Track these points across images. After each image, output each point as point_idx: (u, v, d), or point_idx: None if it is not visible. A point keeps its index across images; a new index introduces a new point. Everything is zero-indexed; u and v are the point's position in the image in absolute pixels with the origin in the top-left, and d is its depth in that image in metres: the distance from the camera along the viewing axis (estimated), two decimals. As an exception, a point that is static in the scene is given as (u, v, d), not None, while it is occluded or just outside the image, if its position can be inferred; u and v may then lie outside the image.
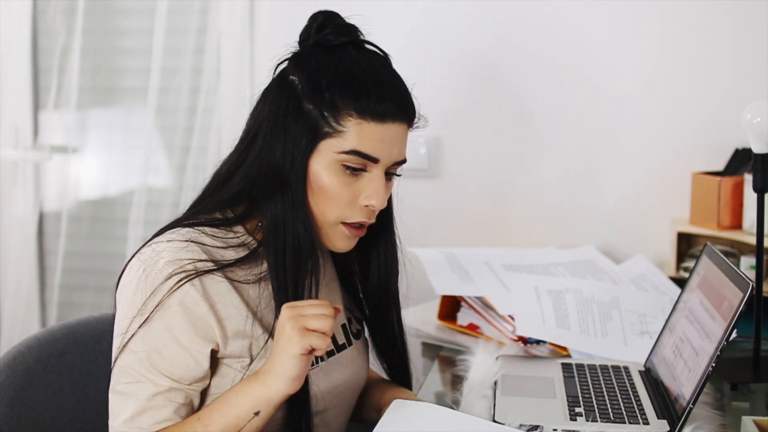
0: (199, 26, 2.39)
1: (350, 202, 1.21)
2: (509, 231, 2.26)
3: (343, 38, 1.22)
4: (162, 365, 1.15)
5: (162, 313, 1.14)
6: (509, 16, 2.21)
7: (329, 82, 1.18)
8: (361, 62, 1.21)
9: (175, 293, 1.14)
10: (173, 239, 1.18)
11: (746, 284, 1.23)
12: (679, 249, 2.03)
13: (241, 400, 1.14)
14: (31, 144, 2.57)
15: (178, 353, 1.15)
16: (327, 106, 1.18)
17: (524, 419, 1.27)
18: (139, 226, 2.43)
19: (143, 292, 1.15)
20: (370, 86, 1.18)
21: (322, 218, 1.22)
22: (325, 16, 1.24)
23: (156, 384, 1.15)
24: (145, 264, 1.16)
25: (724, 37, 2.10)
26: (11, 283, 2.56)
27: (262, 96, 1.25)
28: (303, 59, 1.22)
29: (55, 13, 2.47)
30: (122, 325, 1.17)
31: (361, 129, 1.18)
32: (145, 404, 1.15)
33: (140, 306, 1.15)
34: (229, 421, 1.13)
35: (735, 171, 2.01)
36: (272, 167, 1.20)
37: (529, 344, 1.65)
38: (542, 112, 2.22)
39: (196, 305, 1.15)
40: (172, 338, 1.15)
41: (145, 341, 1.15)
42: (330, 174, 1.19)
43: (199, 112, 2.38)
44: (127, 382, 1.16)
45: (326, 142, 1.19)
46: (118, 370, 1.17)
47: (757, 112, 1.49)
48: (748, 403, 1.45)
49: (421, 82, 1.28)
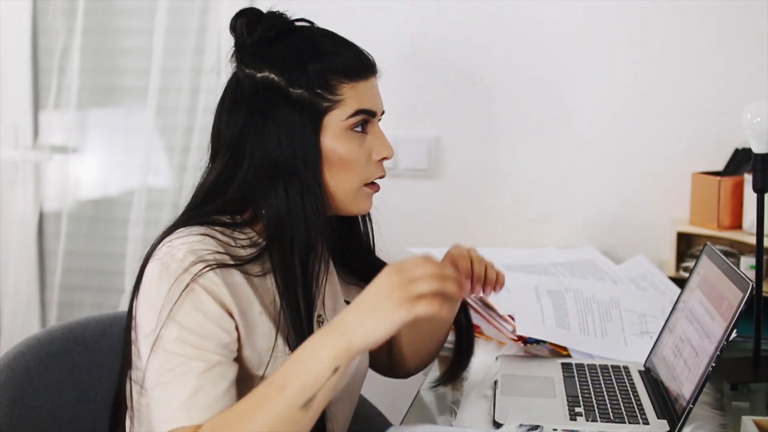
0: (199, 26, 2.39)
1: (366, 162, 1.24)
2: (509, 231, 2.26)
3: (279, 26, 1.24)
4: (203, 343, 1.12)
5: (189, 297, 1.13)
6: (509, 16, 2.20)
7: (308, 60, 1.21)
8: (316, 35, 1.25)
9: (199, 279, 1.13)
10: (189, 234, 1.18)
11: (746, 284, 1.23)
12: (679, 249, 2.03)
13: (320, 356, 1.07)
14: (31, 144, 2.57)
15: (212, 330, 1.13)
16: (317, 83, 1.20)
17: (524, 419, 1.27)
18: (139, 226, 2.43)
19: (167, 282, 1.13)
20: (342, 50, 1.23)
21: (345, 190, 1.24)
22: (246, 16, 1.24)
23: (205, 360, 1.12)
24: (163, 259, 1.15)
25: (724, 37, 2.10)
26: (11, 283, 2.56)
27: (229, 107, 1.24)
28: (262, 56, 1.22)
29: (55, 13, 2.47)
30: (149, 322, 1.14)
31: (356, 90, 1.22)
32: (199, 381, 1.11)
33: (165, 296, 1.13)
34: (307, 380, 1.07)
35: (735, 171, 2.01)
36: (271, 164, 1.20)
37: (529, 344, 1.65)
38: (542, 112, 2.22)
39: (220, 290, 1.14)
40: (204, 317, 1.13)
41: (180, 327, 1.12)
42: (345, 142, 1.22)
43: (199, 112, 2.38)
44: (172, 368, 1.11)
45: (330, 116, 1.21)
46: (157, 364, 1.12)
47: (757, 112, 1.49)
48: (748, 403, 1.45)
49: (421, 82, 1.28)
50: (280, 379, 1.09)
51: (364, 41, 1.29)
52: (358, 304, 1.08)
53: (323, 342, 1.08)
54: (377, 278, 1.09)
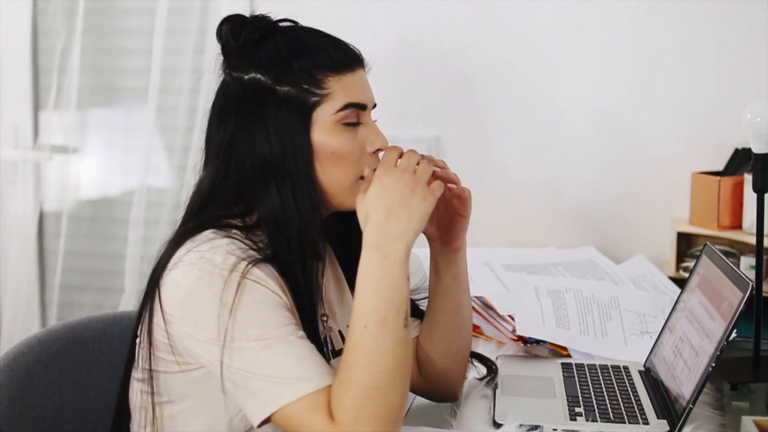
0: (199, 26, 2.39)
1: (360, 155, 1.23)
2: (509, 231, 2.26)
3: (262, 28, 1.24)
4: (273, 330, 1.11)
5: (245, 293, 1.12)
6: (509, 16, 2.21)
7: (293, 57, 1.21)
8: (300, 33, 1.25)
9: (247, 275, 1.13)
10: (213, 239, 1.17)
11: (746, 284, 1.23)
12: (679, 249, 2.03)
13: (393, 274, 1.12)
14: (31, 144, 2.58)
15: (276, 316, 1.12)
16: (303, 78, 1.20)
17: (524, 419, 1.27)
18: (139, 226, 2.43)
19: (216, 285, 1.12)
20: (326, 45, 1.23)
21: (341, 184, 1.23)
22: (231, 22, 1.25)
23: (294, 333, 1.11)
24: (199, 266, 1.14)
25: (724, 37, 2.10)
26: (11, 283, 2.56)
27: (219, 112, 1.25)
28: (247, 58, 1.23)
29: (55, 13, 2.47)
30: (207, 327, 1.12)
31: (342, 83, 1.21)
32: (301, 353, 1.10)
33: (218, 298, 1.11)
34: (397, 299, 1.11)
35: (735, 171, 2.01)
36: (262, 164, 1.20)
37: (529, 344, 1.65)
38: (542, 113, 2.22)
39: (267, 282, 1.14)
40: (265, 307, 1.12)
41: (246, 321, 1.11)
42: (335, 136, 1.21)
43: (199, 112, 2.38)
44: (256, 361, 1.09)
45: (319, 110, 1.20)
46: (239, 362, 1.10)
47: (757, 112, 1.49)
48: (748, 403, 1.45)
49: (421, 83, 1.28)
50: (373, 316, 1.10)
51: (365, 41, 1.29)
52: (388, 214, 1.14)
53: (386, 262, 1.12)
54: (384, 183, 1.15)
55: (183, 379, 1.19)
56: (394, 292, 1.12)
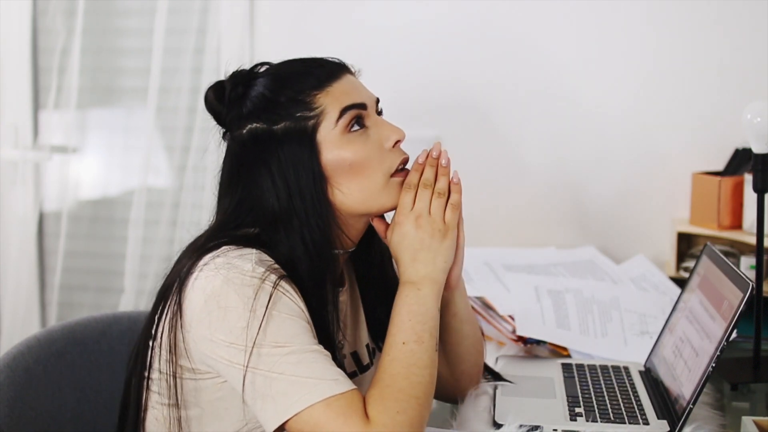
0: (199, 26, 2.39)
1: (380, 152, 1.23)
2: (509, 231, 2.26)
3: (242, 81, 1.25)
4: (300, 338, 1.12)
5: (275, 304, 1.12)
6: (510, 16, 2.21)
7: (277, 94, 1.22)
8: (277, 68, 1.26)
9: (278, 287, 1.13)
10: (239, 247, 1.17)
11: (746, 284, 1.23)
12: (679, 249, 2.03)
13: (427, 308, 1.19)
14: (31, 144, 2.57)
15: (302, 326, 1.13)
16: (294, 108, 1.20)
17: (524, 419, 1.27)
18: (139, 226, 2.43)
19: (247, 291, 1.12)
20: (304, 69, 1.24)
21: (370, 191, 1.22)
22: (213, 89, 1.26)
23: (317, 344, 1.13)
24: (226, 271, 1.14)
25: (724, 37, 2.10)
26: (11, 283, 2.56)
27: (228, 176, 1.25)
28: (239, 114, 1.23)
29: (55, 13, 2.47)
30: (233, 333, 1.12)
31: (332, 95, 1.21)
32: (325, 360, 1.11)
33: (249, 305, 1.11)
34: (432, 325, 1.18)
35: (735, 171, 2.01)
36: (271, 212, 1.20)
37: (529, 344, 1.65)
38: (542, 113, 2.22)
39: (292, 295, 1.15)
40: (291, 316, 1.13)
41: (277, 331, 1.11)
42: (346, 147, 1.21)
43: (199, 112, 2.37)
44: (282, 368, 1.10)
45: (320, 131, 1.20)
46: (268, 367, 1.10)
47: (757, 112, 1.49)
48: (748, 403, 1.45)
49: (421, 82, 1.28)
50: (411, 334, 1.17)
51: (365, 41, 1.29)
52: (414, 259, 1.22)
53: (419, 293, 1.20)
54: (404, 230, 1.23)
55: (192, 386, 1.19)
56: (428, 317, 1.19)
